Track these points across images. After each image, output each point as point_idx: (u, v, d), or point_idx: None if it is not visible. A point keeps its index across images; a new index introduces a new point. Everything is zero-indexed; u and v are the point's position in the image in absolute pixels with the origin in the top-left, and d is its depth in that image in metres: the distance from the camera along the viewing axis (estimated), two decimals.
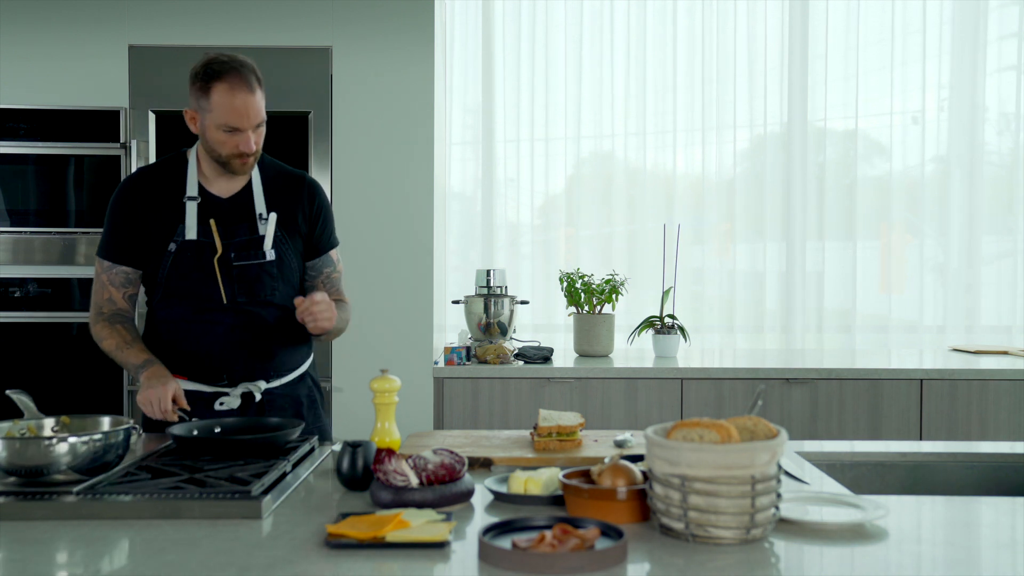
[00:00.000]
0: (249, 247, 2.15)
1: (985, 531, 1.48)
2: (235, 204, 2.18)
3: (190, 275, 2.13)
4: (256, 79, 2.09)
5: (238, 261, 2.14)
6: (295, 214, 2.22)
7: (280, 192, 2.23)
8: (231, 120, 2.05)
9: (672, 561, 1.27)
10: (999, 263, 4.38)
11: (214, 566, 1.25)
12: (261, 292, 2.16)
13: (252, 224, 2.17)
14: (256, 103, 2.08)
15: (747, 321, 4.40)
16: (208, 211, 2.16)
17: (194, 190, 2.16)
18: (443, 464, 1.53)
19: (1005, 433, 3.46)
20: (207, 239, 2.14)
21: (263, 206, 2.19)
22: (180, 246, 2.13)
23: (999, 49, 4.35)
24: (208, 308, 2.14)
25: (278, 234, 2.18)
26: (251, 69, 2.09)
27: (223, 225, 2.15)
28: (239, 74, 2.05)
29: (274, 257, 2.17)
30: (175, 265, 2.13)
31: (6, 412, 1.89)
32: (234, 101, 2.04)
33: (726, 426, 1.37)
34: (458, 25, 4.35)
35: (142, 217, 2.15)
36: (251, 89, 2.06)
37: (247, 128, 2.07)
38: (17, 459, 1.57)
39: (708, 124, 4.38)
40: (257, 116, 2.09)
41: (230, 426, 1.95)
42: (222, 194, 2.19)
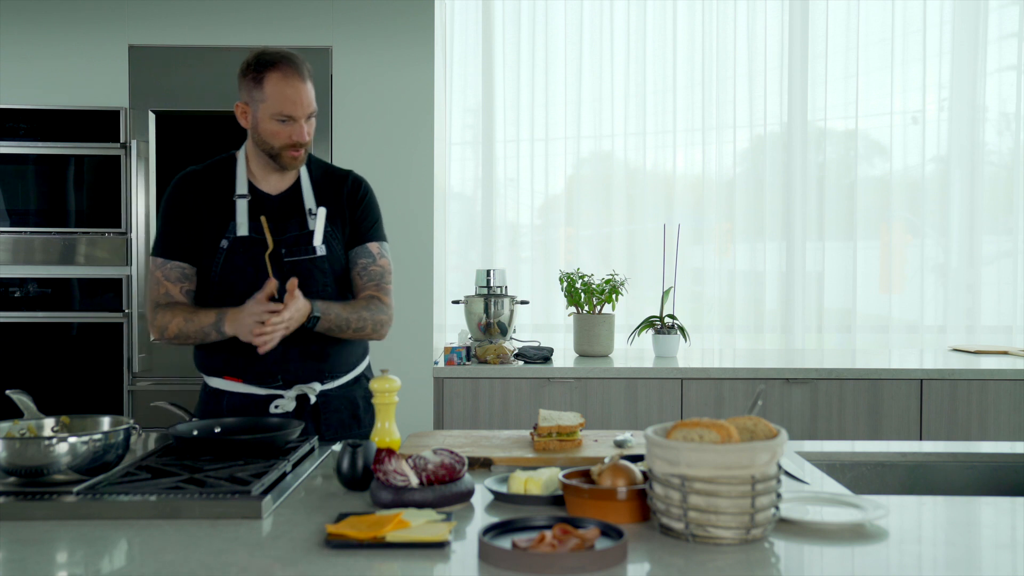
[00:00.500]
0: (299, 242, 2.14)
1: (985, 531, 1.48)
2: (285, 201, 2.18)
3: (243, 272, 2.12)
4: (307, 70, 2.11)
5: (289, 257, 2.13)
6: (341, 208, 2.21)
7: (327, 188, 2.22)
8: (285, 108, 2.06)
9: (672, 561, 1.27)
10: (999, 263, 4.38)
11: (214, 566, 1.25)
12: (313, 288, 2.13)
13: (302, 220, 2.16)
14: (308, 92, 2.09)
15: (747, 321, 4.40)
16: (258, 208, 2.15)
17: (244, 188, 2.16)
18: (443, 464, 1.53)
19: (1005, 433, 3.46)
20: (258, 235, 2.13)
21: (312, 201, 2.18)
22: (232, 243, 2.12)
23: (999, 49, 4.35)
24: None
25: (327, 229, 2.17)
26: (302, 60, 2.11)
27: (274, 222, 2.14)
28: (291, 63, 2.07)
29: (324, 252, 2.15)
30: (227, 262, 2.12)
31: (6, 412, 1.90)
32: (287, 90, 2.05)
33: (726, 426, 1.37)
34: (458, 25, 4.35)
35: (195, 214, 2.16)
36: (303, 78, 2.08)
37: (300, 117, 2.08)
38: (17, 459, 1.57)
39: (708, 124, 4.38)
40: (309, 105, 2.10)
41: (230, 426, 1.95)
42: (271, 191, 2.18)
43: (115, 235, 3.62)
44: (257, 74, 2.07)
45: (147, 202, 3.61)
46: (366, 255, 2.23)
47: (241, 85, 2.12)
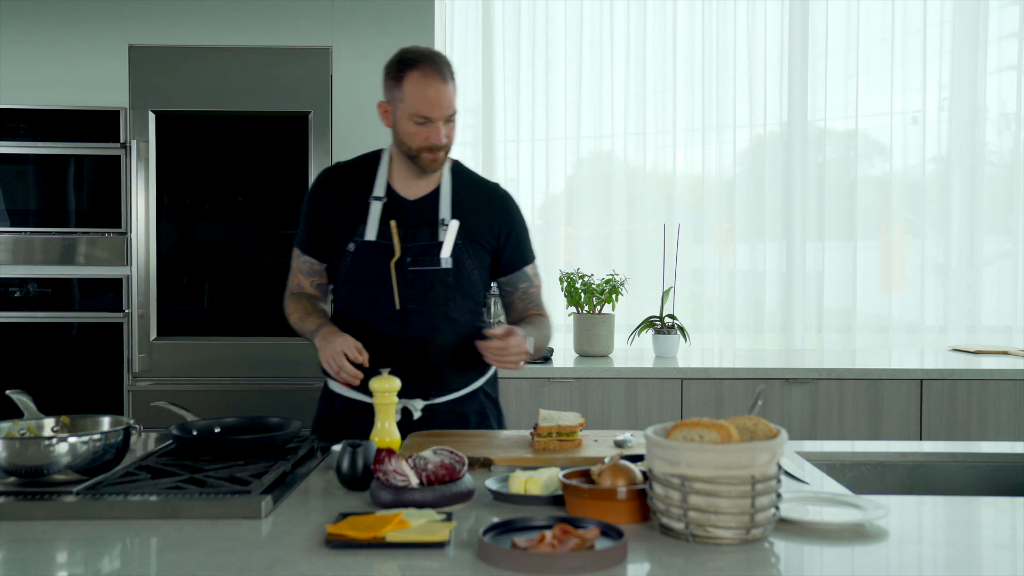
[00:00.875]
0: (427, 252, 2.09)
1: (985, 531, 1.48)
2: (420, 207, 2.13)
3: (367, 277, 2.10)
4: (449, 71, 2.06)
5: (414, 266, 2.09)
6: (482, 226, 2.15)
7: (469, 200, 2.16)
8: (422, 109, 2.01)
9: (672, 561, 1.27)
10: (999, 263, 4.38)
11: (214, 566, 1.25)
12: (434, 301, 2.09)
13: (434, 229, 2.11)
14: (448, 93, 2.04)
15: (747, 321, 4.40)
16: (392, 212, 2.11)
17: (381, 190, 2.13)
18: (443, 464, 1.53)
19: (1005, 433, 3.46)
20: (386, 241, 2.09)
21: (447, 211, 2.12)
22: (359, 247, 2.10)
23: (999, 49, 4.34)
24: (380, 315, 2.10)
25: (459, 243, 2.11)
26: (445, 61, 2.06)
27: (405, 228, 2.10)
28: (432, 63, 2.03)
29: (451, 266, 2.09)
30: (353, 265, 2.11)
31: (6, 412, 1.89)
32: (426, 90, 2.01)
33: (726, 426, 1.37)
34: (458, 25, 4.35)
35: (328, 213, 2.15)
36: (444, 79, 2.03)
37: (438, 119, 2.03)
38: (17, 459, 1.57)
39: (708, 124, 4.38)
40: (449, 107, 2.05)
41: (230, 426, 1.95)
42: (409, 196, 2.14)
43: (115, 235, 3.62)
44: (398, 73, 2.03)
45: (147, 202, 3.60)
46: (524, 280, 2.23)
47: (384, 83, 2.08)
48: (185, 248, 3.69)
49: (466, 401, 2.20)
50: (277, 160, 3.66)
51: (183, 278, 3.68)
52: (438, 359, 2.12)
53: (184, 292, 3.69)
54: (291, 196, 3.66)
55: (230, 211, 3.73)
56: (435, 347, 2.12)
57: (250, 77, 3.60)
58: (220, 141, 3.66)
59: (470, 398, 2.20)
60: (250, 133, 3.64)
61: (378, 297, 2.10)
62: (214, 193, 3.71)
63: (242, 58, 3.60)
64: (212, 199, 3.72)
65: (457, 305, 2.12)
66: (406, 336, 2.10)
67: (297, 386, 3.63)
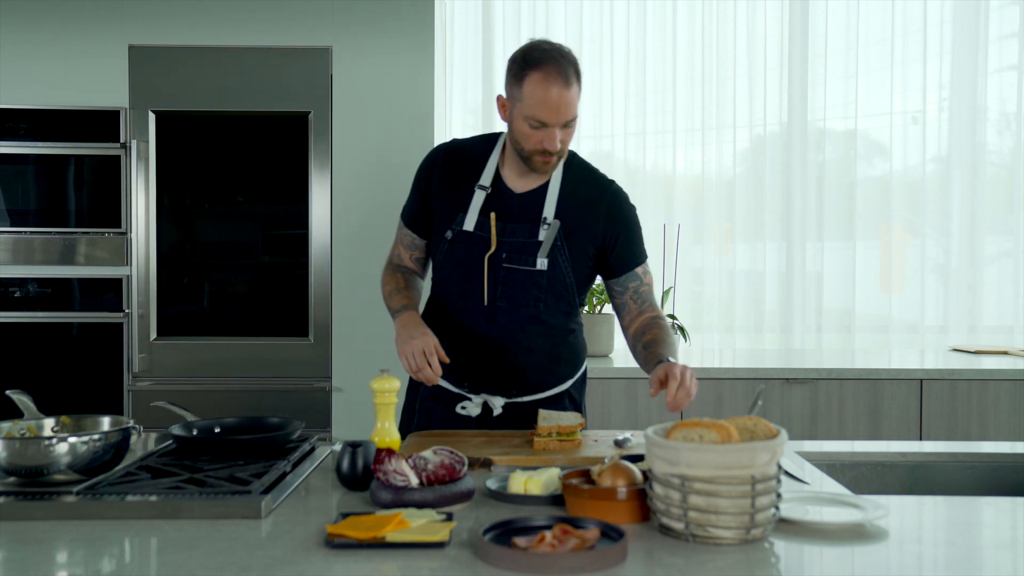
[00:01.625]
0: (523, 251, 2.03)
1: (985, 531, 1.48)
2: (525, 201, 2.05)
3: (460, 267, 2.06)
4: (575, 73, 1.94)
5: (508, 263, 2.03)
6: (585, 226, 2.06)
7: (577, 198, 2.06)
8: (539, 114, 1.91)
9: (672, 561, 1.27)
10: (1000, 263, 4.38)
11: (214, 566, 1.25)
12: (524, 301, 2.04)
13: (534, 227, 2.03)
14: (569, 98, 1.92)
15: (747, 321, 4.40)
16: (496, 202, 2.05)
17: (488, 179, 2.06)
18: (443, 464, 1.53)
19: (1005, 433, 3.46)
20: (484, 233, 2.04)
21: (552, 210, 2.03)
22: (456, 236, 2.06)
23: (999, 49, 4.34)
24: (469, 306, 2.06)
25: (558, 243, 2.03)
26: (571, 62, 1.94)
27: (505, 221, 2.04)
28: (557, 65, 1.91)
29: (545, 267, 2.02)
30: (449, 253, 2.07)
31: (6, 412, 1.89)
32: (547, 94, 1.90)
33: (726, 426, 1.37)
34: (458, 25, 4.35)
35: (434, 192, 2.11)
36: (567, 83, 1.91)
37: (555, 124, 1.93)
38: (17, 459, 1.57)
39: (708, 124, 4.37)
40: (568, 112, 1.93)
41: (230, 426, 1.94)
42: (516, 188, 2.06)
43: (115, 235, 3.62)
44: (520, 71, 1.93)
45: (147, 202, 3.61)
46: (634, 279, 2.12)
47: (506, 76, 1.99)
48: (185, 248, 3.69)
49: (549, 402, 2.14)
50: (277, 160, 3.66)
51: (183, 278, 3.69)
52: (524, 360, 2.07)
53: (184, 292, 3.69)
54: (291, 196, 3.66)
55: (230, 211, 3.73)
56: (522, 348, 2.07)
57: (250, 77, 3.60)
58: (220, 141, 3.66)
59: (554, 400, 2.15)
60: (250, 133, 3.65)
61: (468, 290, 2.06)
62: (214, 193, 3.71)
63: (242, 58, 3.60)
64: (212, 199, 3.72)
65: (548, 307, 2.06)
66: (492, 333, 2.06)
67: (297, 386, 3.63)
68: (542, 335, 2.08)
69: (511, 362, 2.07)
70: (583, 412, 2.25)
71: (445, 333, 2.06)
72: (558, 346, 2.12)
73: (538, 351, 2.10)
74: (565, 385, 2.18)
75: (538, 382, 2.13)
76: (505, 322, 2.06)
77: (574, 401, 2.21)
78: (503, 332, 2.06)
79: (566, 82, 1.91)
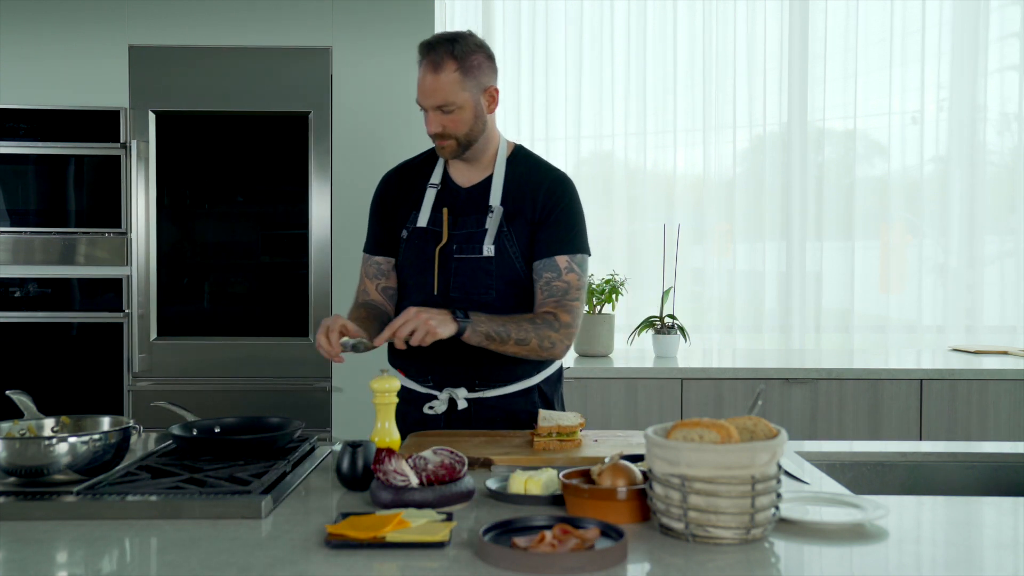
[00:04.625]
0: (471, 240, 2.08)
1: (985, 531, 1.48)
2: (472, 194, 2.13)
3: (416, 263, 2.11)
4: (453, 57, 2.01)
5: (459, 254, 2.08)
6: (524, 210, 2.10)
7: (521, 186, 2.12)
8: (418, 98, 2.05)
9: (672, 561, 1.27)
10: (1000, 263, 4.38)
11: (214, 566, 1.25)
12: (476, 290, 2.07)
13: (482, 217, 2.09)
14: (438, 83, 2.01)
15: (747, 321, 4.40)
16: (446, 199, 2.13)
17: (438, 178, 2.15)
18: (443, 464, 1.53)
19: (1005, 433, 3.46)
20: (436, 227, 2.10)
21: (498, 199, 2.10)
22: (411, 233, 2.12)
23: (999, 49, 4.35)
24: (426, 300, 2.08)
25: (504, 230, 2.08)
26: (448, 48, 2.02)
27: (455, 215, 2.10)
28: (432, 52, 2.03)
29: (492, 254, 2.06)
30: (405, 252, 2.13)
31: (6, 412, 1.90)
32: (422, 79, 2.04)
33: (726, 426, 1.37)
34: (458, 25, 4.35)
35: (392, 206, 2.17)
36: (436, 68, 2.01)
37: (428, 107, 2.04)
38: (17, 459, 1.57)
39: (708, 124, 4.38)
40: (437, 96, 2.02)
41: (230, 426, 1.94)
42: (463, 183, 2.14)
43: (115, 235, 3.62)
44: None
45: (147, 202, 3.61)
46: (551, 269, 2.08)
47: None
48: (185, 248, 3.69)
49: (517, 398, 2.13)
50: (277, 160, 3.66)
51: (183, 278, 3.69)
52: (481, 349, 2.04)
53: (184, 292, 3.69)
54: (291, 196, 3.66)
55: (230, 211, 3.73)
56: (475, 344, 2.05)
57: (250, 77, 3.60)
58: (220, 141, 3.66)
59: (523, 395, 2.14)
60: (250, 133, 3.65)
61: (423, 283, 2.10)
62: (214, 193, 3.71)
63: (242, 58, 3.60)
64: (212, 199, 3.72)
65: (501, 295, 2.07)
66: None
67: (297, 386, 3.63)
68: None
69: (470, 352, 2.05)
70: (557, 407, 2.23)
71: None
72: None
73: None
74: (533, 380, 2.15)
75: (499, 373, 2.10)
76: None
77: (545, 397, 2.18)
78: None
79: (435, 67, 2.01)
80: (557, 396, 2.23)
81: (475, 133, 2.07)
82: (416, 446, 1.92)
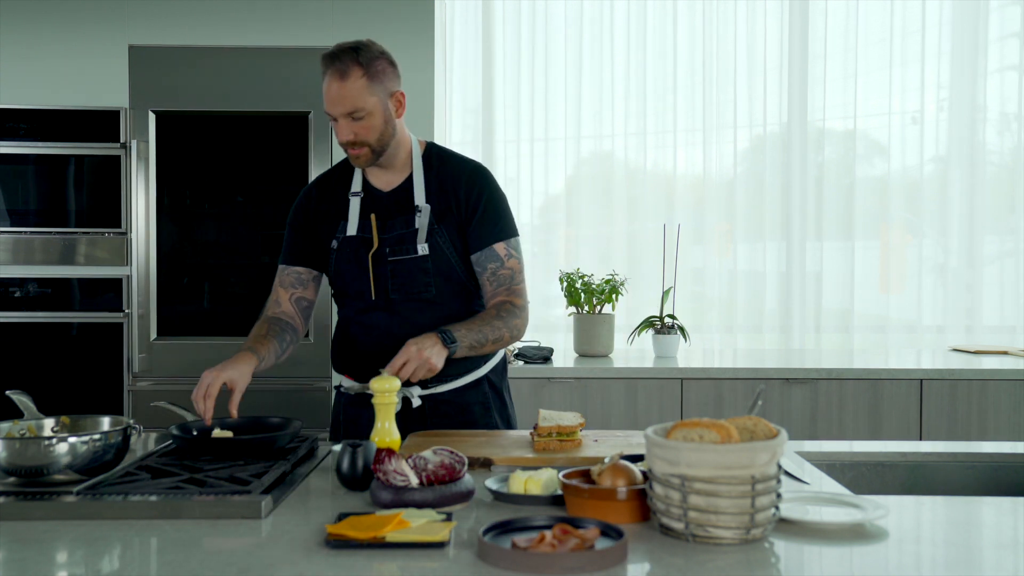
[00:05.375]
0: (403, 241, 2.10)
1: (985, 531, 1.48)
2: (395, 197, 2.14)
3: (350, 271, 2.12)
4: (358, 64, 2.01)
5: (393, 256, 2.09)
6: (451, 203, 2.12)
7: (441, 182, 2.14)
8: (327, 107, 2.04)
9: (672, 561, 1.27)
10: (1000, 263, 4.38)
11: (214, 566, 1.25)
12: (415, 289, 2.10)
13: (409, 218, 2.11)
14: (345, 90, 2.00)
15: (747, 321, 4.40)
16: (371, 206, 2.13)
17: (358, 185, 2.16)
18: (443, 464, 1.53)
19: (1005, 433, 3.46)
20: (366, 234, 2.11)
21: (422, 198, 2.12)
22: (341, 243, 2.12)
23: (999, 49, 4.35)
24: (367, 307, 2.12)
25: (434, 227, 2.10)
26: (352, 56, 2.02)
27: (383, 219, 2.12)
28: (337, 61, 2.02)
29: (427, 252, 2.09)
30: (337, 262, 2.13)
31: (6, 412, 1.90)
32: (328, 88, 2.02)
33: (726, 426, 1.37)
34: (458, 25, 4.35)
35: (313, 218, 2.17)
36: (342, 76, 2.00)
37: (337, 115, 2.03)
38: (17, 459, 1.57)
39: (708, 124, 4.38)
40: (346, 104, 2.01)
41: (230, 426, 1.94)
42: (384, 188, 2.15)
43: (115, 235, 3.62)
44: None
45: (147, 202, 3.61)
46: (493, 259, 2.13)
47: None
48: (185, 248, 3.69)
49: (468, 390, 2.17)
50: (277, 160, 3.66)
51: (183, 278, 3.69)
52: None
53: (184, 292, 3.69)
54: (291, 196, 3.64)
55: (230, 211, 3.73)
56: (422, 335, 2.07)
57: (250, 77, 3.60)
58: (220, 141, 3.66)
59: (473, 387, 2.18)
60: (250, 133, 3.65)
61: (362, 289, 2.12)
62: (214, 193, 3.71)
63: (242, 58, 3.60)
64: (212, 199, 3.72)
65: (441, 291, 2.11)
66: (394, 326, 2.10)
67: (297, 386, 3.63)
68: (440, 319, 2.10)
69: None
70: (504, 399, 2.26)
71: (355, 337, 2.14)
72: None
73: None
74: (481, 371, 2.20)
75: (449, 369, 2.10)
76: (404, 312, 2.11)
77: (494, 387, 2.23)
78: (402, 322, 2.10)
79: (341, 75, 2.00)
80: (504, 385, 2.28)
81: (386, 138, 2.08)
82: (416, 446, 1.92)
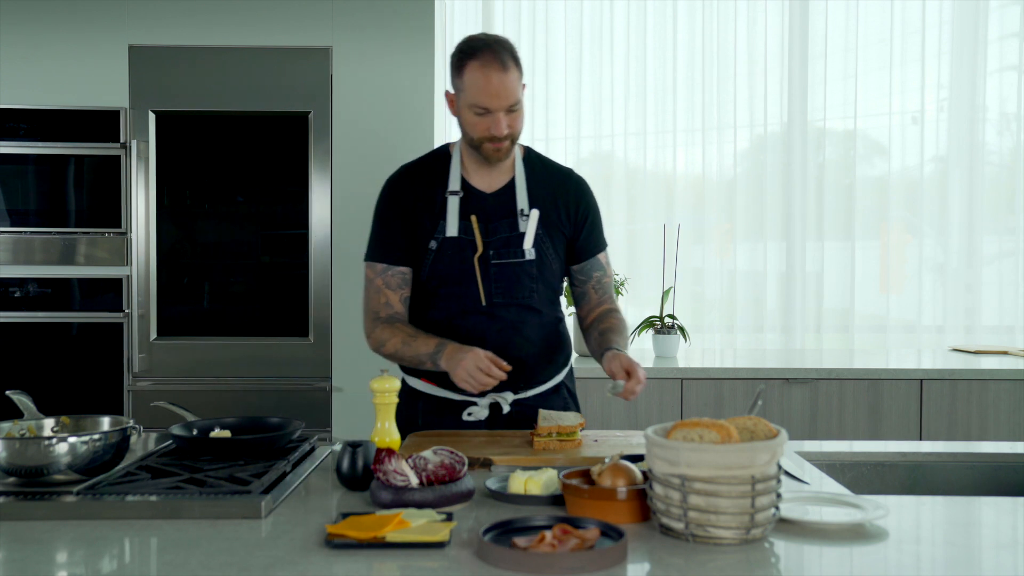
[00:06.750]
0: (509, 244, 2.07)
1: (985, 531, 1.48)
2: (498, 199, 2.10)
3: (451, 274, 2.07)
4: (512, 58, 1.98)
5: (497, 260, 2.07)
6: (558, 212, 2.12)
7: (544, 188, 2.13)
8: (481, 100, 1.96)
9: (672, 561, 1.27)
10: (1000, 263, 4.38)
11: (214, 566, 1.25)
12: (519, 293, 2.08)
13: (513, 221, 2.08)
14: (508, 82, 1.96)
15: (747, 321, 4.40)
16: (470, 206, 2.08)
17: (456, 184, 2.09)
18: (443, 464, 1.53)
19: (1005, 433, 3.46)
20: (468, 236, 2.07)
21: (525, 202, 2.09)
22: (441, 244, 2.07)
23: (999, 49, 4.35)
24: (466, 310, 2.08)
25: (539, 233, 2.09)
26: (506, 48, 1.99)
27: (484, 221, 2.08)
28: (492, 52, 1.96)
29: (534, 256, 2.08)
30: (436, 263, 2.08)
31: (6, 412, 1.90)
32: (484, 80, 1.95)
33: (726, 426, 1.37)
34: (458, 25, 4.35)
35: (408, 213, 2.10)
36: (504, 68, 1.96)
37: (497, 109, 1.97)
38: (17, 459, 1.57)
39: (708, 124, 4.38)
40: (509, 97, 1.97)
41: (230, 426, 1.94)
42: (485, 189, 2.11)
43: (115, 235, 3.62)
44: (459, 62, 1.99)
45: (147, 202, 3.61)
46: (598, 268, 2.19)
47: (450, 72, 2.04)
48: (185, 248, 3.69)
49: (551, 396, 2.17)
50: (277, 160, 3.66)
51: (183, 278, 3.69)
52: (526, 351, 2.10)
53: (184, 292, 3.69)
54: (291, 196, 3.66)
55: (230, 211, 3.73)
56: (522, 339, 2.10)
57: (250, 77, 3.60)
58: (220, 141, 3.66)
59: (555, 392, 2.19)
60: (250, 133, 3.65)
61: (463, 293, 2.08)
62: (214, 193, 3.71)
63: (242, 58, 3.60)
64: (212, 199, 3.72)
65: (540, 296, 2.12)
66: (493, 331, 2.08)
67: (297, 386, 3.63)
68: (538, 324, 2.13)
69: (514, 355, 2.08)
70: (579, 404, 2.28)
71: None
72: (551, 335, 2.17)
73: (536, 341, 2.14)
74: (560, 376, 2.22)
75: (539, 374, 2.15)
76: (505, 317, 2.09)
77: (570, 391, 2.25)
78: (503, 327, 2.09)
79: (503, 66, 1.96)
80: (574, 389, 2.29)
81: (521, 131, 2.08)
82: (416, 446, 1.92)
